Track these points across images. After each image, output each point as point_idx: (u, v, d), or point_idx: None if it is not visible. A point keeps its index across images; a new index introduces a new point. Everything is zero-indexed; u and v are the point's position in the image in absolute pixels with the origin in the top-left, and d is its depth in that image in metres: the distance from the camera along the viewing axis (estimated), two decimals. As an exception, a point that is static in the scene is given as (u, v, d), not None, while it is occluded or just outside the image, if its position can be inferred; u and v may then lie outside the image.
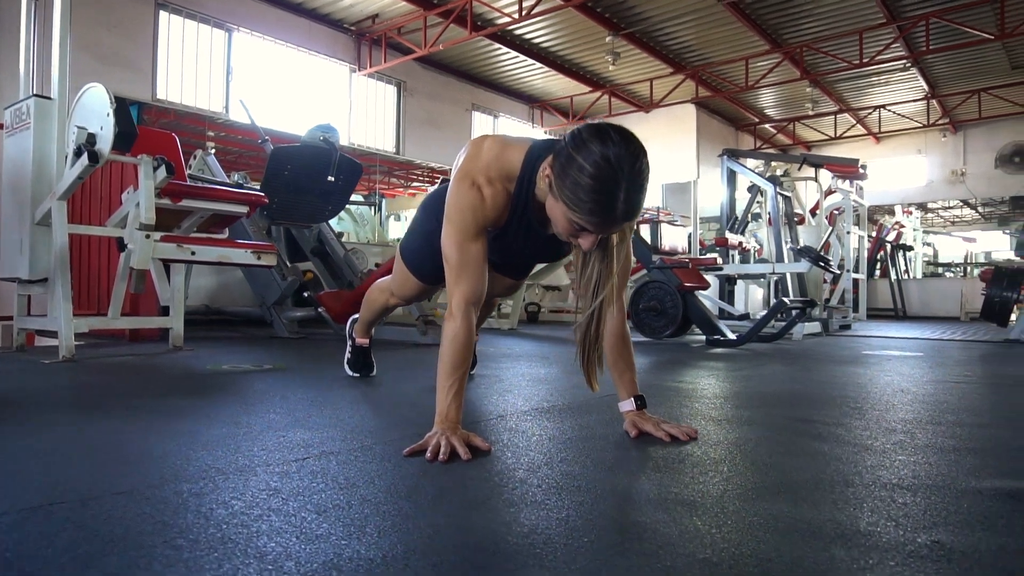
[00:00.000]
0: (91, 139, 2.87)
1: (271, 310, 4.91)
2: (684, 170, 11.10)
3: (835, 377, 2.79)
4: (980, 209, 16.63)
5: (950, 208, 16.68)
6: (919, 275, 14.41)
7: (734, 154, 7.71)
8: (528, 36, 8.72)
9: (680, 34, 8.42)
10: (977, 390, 2.49)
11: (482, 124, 10.53)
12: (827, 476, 1.23)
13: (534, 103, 11.10)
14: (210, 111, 7.26)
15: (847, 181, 8.21)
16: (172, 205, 3.29)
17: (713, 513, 1.01)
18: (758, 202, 7.95)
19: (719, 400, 2.15)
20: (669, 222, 8.11)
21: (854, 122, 12.01)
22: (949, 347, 4.73)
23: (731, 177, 7.79)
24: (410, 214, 10.61)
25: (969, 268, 15.64)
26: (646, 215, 5.50)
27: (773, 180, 7.39)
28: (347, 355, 2.58)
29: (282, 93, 8.10)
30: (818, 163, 7.52)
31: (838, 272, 7.10)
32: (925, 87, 10.30)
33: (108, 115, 2.83)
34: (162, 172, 3.06)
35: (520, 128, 11.18)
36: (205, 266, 4.72)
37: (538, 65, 9.35)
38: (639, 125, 11.20)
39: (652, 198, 11.56)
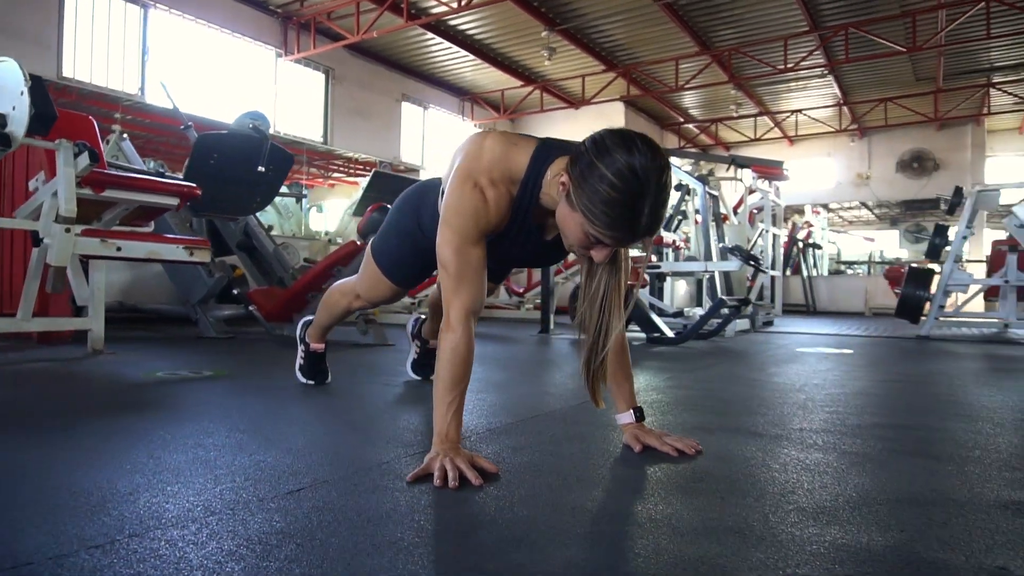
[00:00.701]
0: (1, 121, 2.56)
1: (197, 308, 4.60)
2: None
3: (787, 378, 2.83)
4: (876, 211, 17.64)
5: (850, 208, 17.63)
6: (826, 272, 15.26)
7: (665, 153, 7.85)
8: (462, 27, 8.57)
9: (614, 32, 8.47)
10: (930, 389, 2.57)
11: (412, 115, 10.29)
12: (847, 493, 1.20)
13: (464, 95, 10.95)
14: (124, 92, 6.74)
15: (766, 181, 8.52)
16: (94, 196, 2.99)
17: (769, 543, 0.95)
18: (685, 200, 8.12)
19: (691, 406, 2.12)
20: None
21: (772, 125, 12.49)
22: (872, 344, 4.95)
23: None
24: (332, 205, 10.26)
25: (873, 267, 16.59)
26: None
27: (702, 179, 7.55)
28: (299, 360, 2.42)
29: (203, 77, 7.62)
30: (745, 164, 7.76)
31: (770, 272, 7.35)
32: (838, 94, 10.80)
33: (22, 94, 2.53)
34: (84, 159, 2.77)
35: (449, 120, 11.01)
36: (120, 260, 4.38)
37: (471, 57, 9.21)
38: (568, 122, 11.25)
39: None
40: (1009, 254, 6.11)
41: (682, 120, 12.40)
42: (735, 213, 9.05)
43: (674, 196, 8.28)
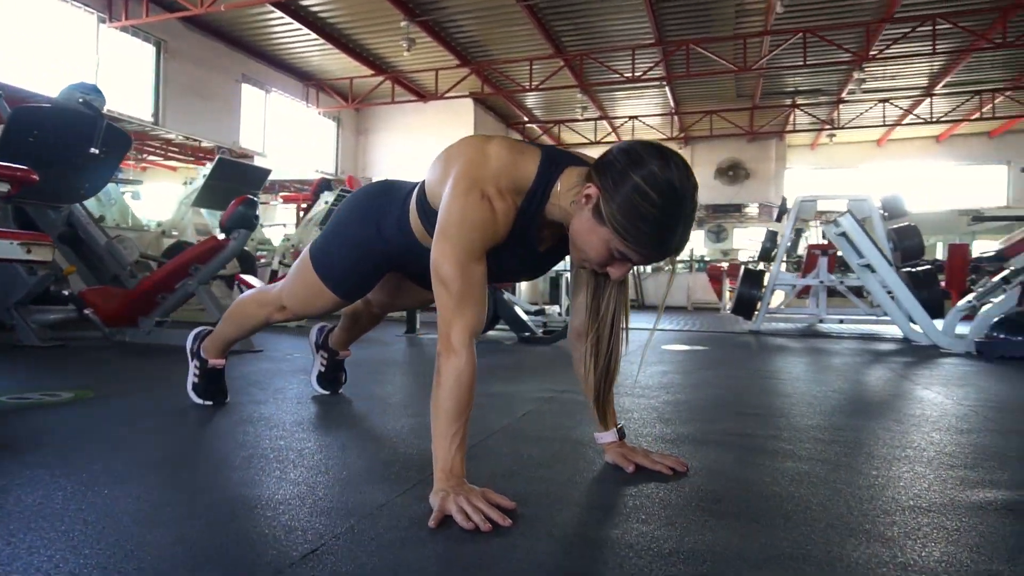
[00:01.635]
0: None
1: (14, 311, 3.91)
2: (462, 164, 11.20)
3: (680, 377, 2.96)
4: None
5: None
6: (649, 269, 16.41)
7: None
8: (312, 7, 8.06)
9: (472, 28, 8.43)
10: (810, 387, 2.81)
11: (253, 98, 9.54)
12: (859, 503, 1.24)
13: (310, 81, 10.36)
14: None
15: None
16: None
17: (838, 568, 0.95)
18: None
19: (632, 414, 2.13)
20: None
21: (610, 129, 13.17)
22: (717, 340, 5.36)
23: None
24: (154, 190, 9.22)
25: (693, 264, 18.07)
26: None
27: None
28: (193, 378, 2.12)
29: (9, 41, 6.50)
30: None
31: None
32: (672, 104, 11.62)
33: None
34: None
35: (293, 106, 10.37)
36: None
37: (319, 40, 8.71)
38: (416, 115, 11.07)
39: None
40: (820, 257, 6.93)
41: (527, 120, 12.68)
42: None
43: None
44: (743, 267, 7.72)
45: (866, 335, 6.02)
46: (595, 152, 1.25)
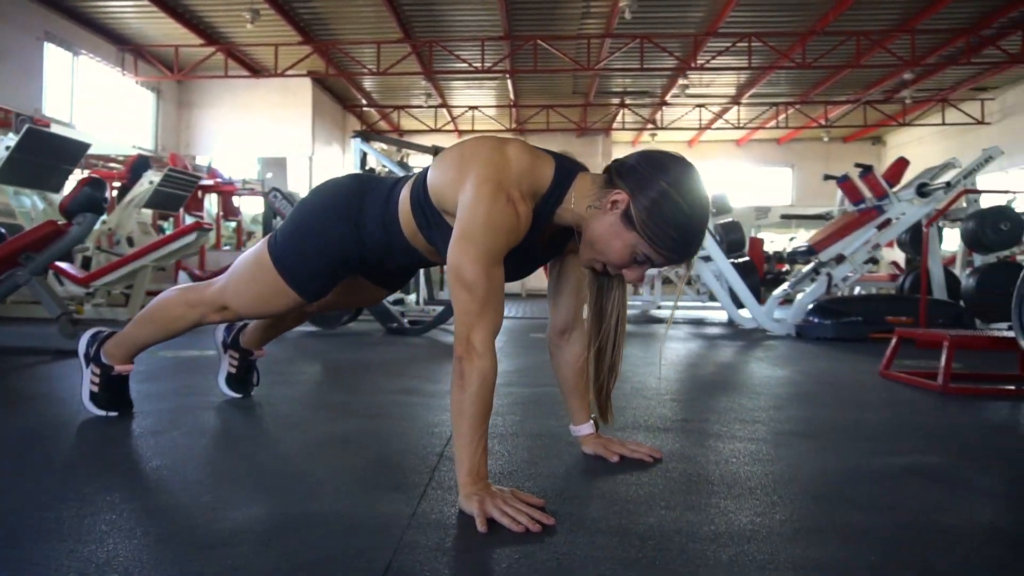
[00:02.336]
0: None
1: None
2: (298, 145, 10.67)
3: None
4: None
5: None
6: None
7: (367, 137, 7.77)
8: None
9: (318, 4, 8.00)
10: (693, 371, 3.09)
11: (58, 61, 8.33)
12: (809, 475, 1.43)
13: (127, 46, 9.24)
14: None
15: None
16: None
17: (851, 536, 1.10)
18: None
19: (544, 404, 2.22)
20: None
21: (449, 118, 13.20)
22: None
23: (363, 160, 7.85)
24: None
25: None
26: (269, 195, 5.13)
27: (405, 167, 7.68)
28: (90, 386, 1.90)
29: None
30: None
31: None
32: (512, 97, 11.89)
33: None
34: None
35: (106, 73, 9.21)
36: None
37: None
38: (248, 92, 10.34)
39: (249, 172, 10.84)
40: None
41: (365, 104, 12.34)
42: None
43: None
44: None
45: (696, 320, 6.65)
46: (435, 139, 1.30)
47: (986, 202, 6.15)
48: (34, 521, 1.10)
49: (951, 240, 7.59)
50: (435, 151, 8.17)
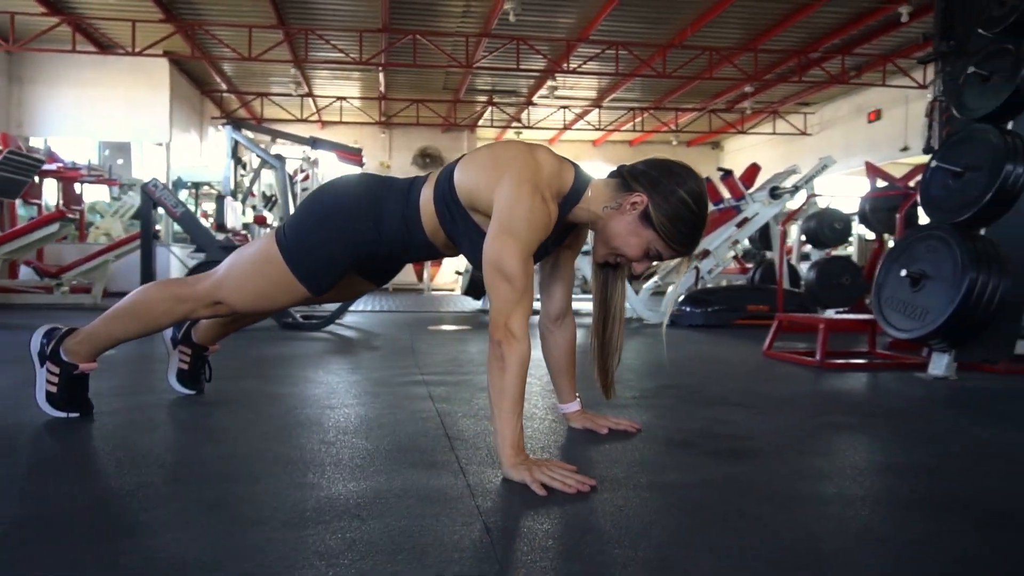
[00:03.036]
0: None
1: None
2: (154, 130, 9.91)
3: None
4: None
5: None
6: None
7: (238, 125, 7.45)
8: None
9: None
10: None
11: None
12: (782, 439, 1.72)
13: (-56, 9, 8.11)
14: None
15: (315, 163, 8.95)
16: None
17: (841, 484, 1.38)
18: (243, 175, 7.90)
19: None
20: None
21: (315, 108, 12.80)
22: (461, 318, 5.85)
23: (235, 149, 7.52)
24: None
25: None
26: (149, 185, 4.86)
27: (280, 159, 7.46)
28: (46, 386, 1.81)
29: None
30: (328, 148, 7.92)
31: None
32: (382, 89, 11.76)
33: None
34: None
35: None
36: None
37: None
38: (96, 69, 9.46)
39: (86, 157, 9.94)
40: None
41: (225, 89, 11.67)
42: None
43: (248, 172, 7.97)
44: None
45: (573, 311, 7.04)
46: (299, 129, 1.42)
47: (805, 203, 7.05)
48: (122, 518, 1.11)
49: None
50: (313, 142, 7.99)
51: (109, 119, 9.64)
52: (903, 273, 2.86)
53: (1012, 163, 2.68)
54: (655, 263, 1.55)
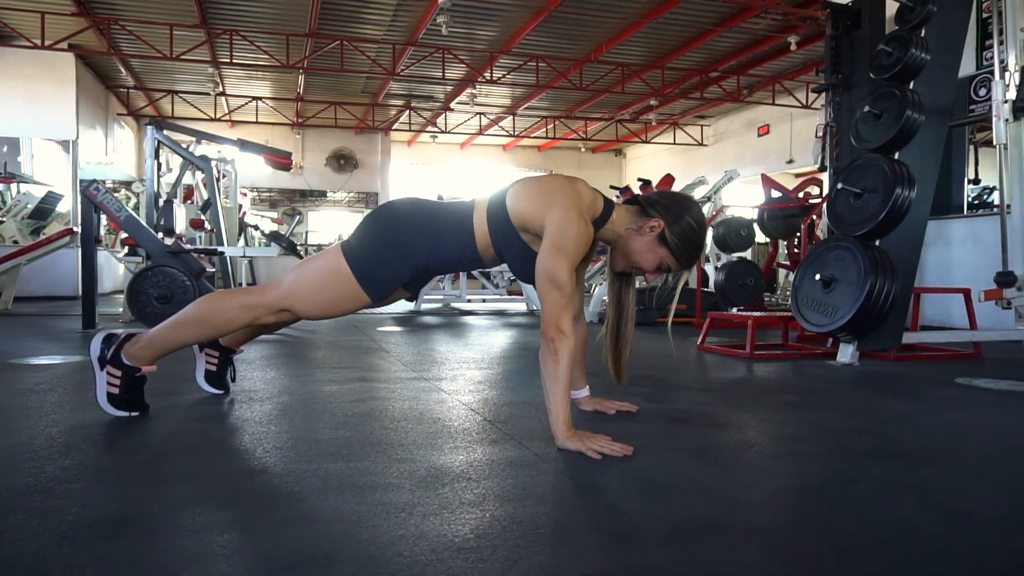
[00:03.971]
0: None
1: None
2: (58, 127, 9.42)
3: (457, 351, 3.64)
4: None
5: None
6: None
7: (161, 125, 7.33)
8: None
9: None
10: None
11: None
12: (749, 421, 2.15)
13: None
14: None
15: (229, 165, 8.92)
16: None
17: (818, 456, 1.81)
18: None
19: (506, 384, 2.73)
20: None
21: (227, 109, 12.52)
22: (402, 319, 6.10)
23: (157, 150, 7.39)
24: None
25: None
26: (90, 188, 4.85)
27: (204, 159, 7.41)
28: (106, 387, 1.99)
29: None
30: (257, 150, 7.86)
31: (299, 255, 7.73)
32: (299, 90, 11.70)
33: None
34: None
35: None
36: None
37: None
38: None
39: None
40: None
41: (133, 85, 11.23)
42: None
43: (172, 175, 7.81)
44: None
45: (498, 311, 7.41)
46: (210, 129, 1.68)
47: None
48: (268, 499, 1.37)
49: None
50: (241, 144, 7.93)
51: (11, 110, 9.09)
52: (817, 277, 3.42)
53: (900, 187, 3.29)
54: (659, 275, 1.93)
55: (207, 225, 6.84)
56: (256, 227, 14.61)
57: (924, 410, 2.26)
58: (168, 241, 5.07)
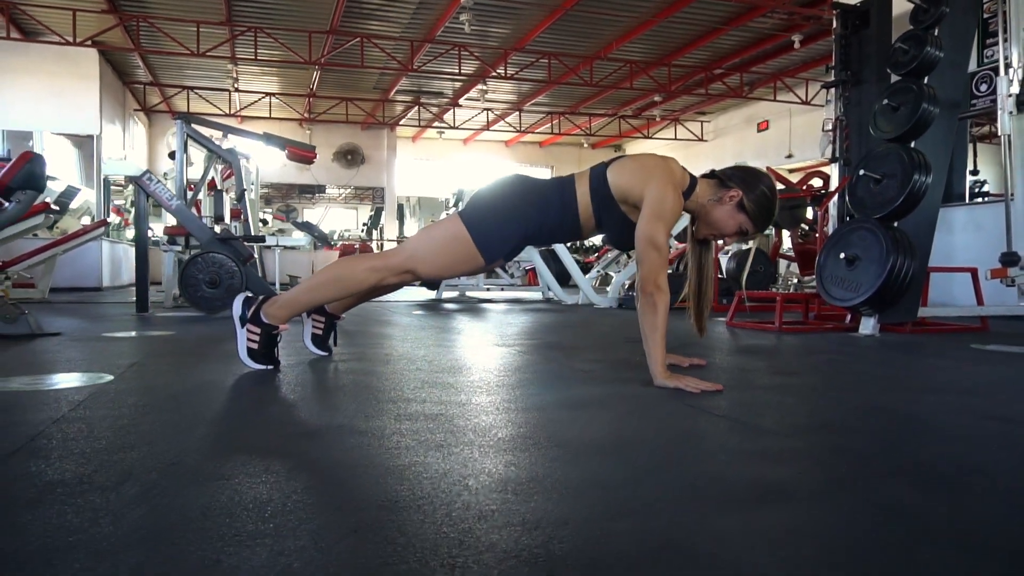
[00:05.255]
0: None
1: None
2: (83, 122, 9.63)
3: (492, 331, 3.93)
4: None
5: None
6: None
7: (189, 120, 7.58)
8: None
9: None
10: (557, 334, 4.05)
11: None
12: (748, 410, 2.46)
13: None
14: None
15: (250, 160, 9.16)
16: None
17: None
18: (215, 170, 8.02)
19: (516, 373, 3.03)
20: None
21: (239, 105, 12.75)
22: (428, 306, 6.39)
23: (186, 144, 7.64)
24: None
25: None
26: (143, 177, 5.12)
27: (232, 153, 7.66)
28: (250, 343, 2.26)
29: None
30: (281, 145, 8.10)
31: (330, 244, 8.00)
32: (312, 87, 11.94)
33: None
34: None
35: None
36: None
37: None
38: (17, 56, 9.09)
39: None
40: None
41: (150, 81, 11.43)
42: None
43: (198, 167, 8.06)
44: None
45: (514, 299, 7.71)
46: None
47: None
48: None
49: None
50: (266, 138, 8.19)
51: (38, 105, 9.29)
52: (841, 256, 3.74)
53: (918, 174, 3.61)
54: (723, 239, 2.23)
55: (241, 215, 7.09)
56: (264, 222, 14.92)
57: (951, 364, 2.58)
58: (218, 228, 5.33)
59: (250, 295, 2.29)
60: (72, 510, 0.89)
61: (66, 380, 1.97)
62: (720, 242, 2.23)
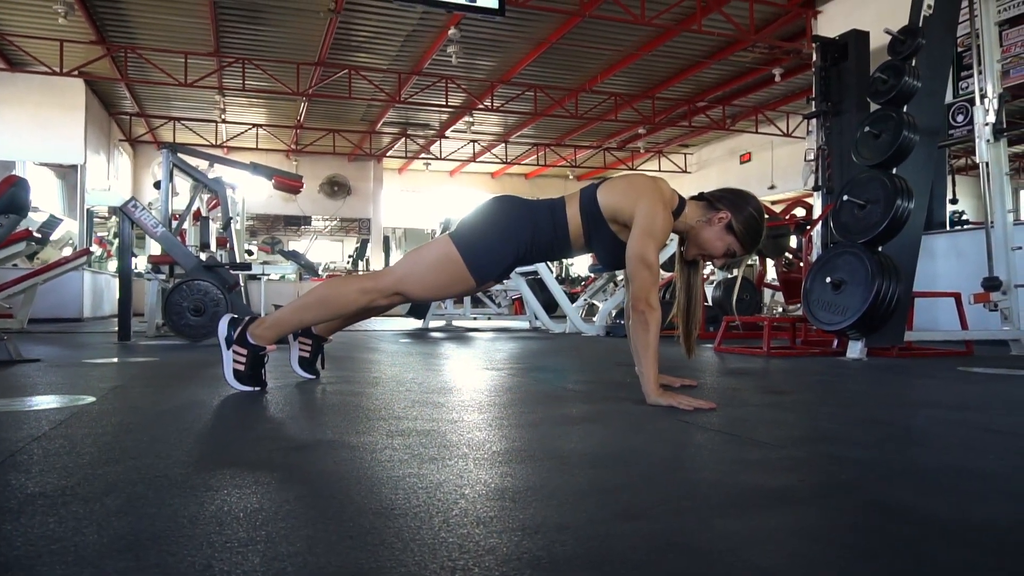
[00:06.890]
0: None
1: None
2: (68, 151, 9.59)
3: (478, 357, 3.91)
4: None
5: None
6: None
7: (175, 149, 7.58)
8: None
9: (125, 6, 7.50)
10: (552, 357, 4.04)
11: None
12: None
13: None
14: None
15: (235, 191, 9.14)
16: None
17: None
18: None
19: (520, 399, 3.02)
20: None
21: (226, 136, 12.78)
22: (414, 335, 6.35)
23: (171, 173, 7.63)
24: None
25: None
26: (128, 204, 5.10)
27: (218, 183, 7.65)
28: (235, 365, 2.22)
29: None
30: (268, 174, 8.11)
31: (318, 274, 7.96)
32: (300, 118, 12.00)
33: None
34: None
35: None
36: None
37: None
38: (3, 86, 9.07)
39: None
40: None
41: (135, 112, 11.44)
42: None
43: (184, 197, 8.04)
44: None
45: (502, 328, 7.70)
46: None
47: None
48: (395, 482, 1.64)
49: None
50: (253, 167, 8.19)
51: (20, 134, 9.24)
52: (828, 280, 3.77)
53: (900, 199, 3.67)
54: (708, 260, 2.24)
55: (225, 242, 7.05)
56: (250, 252, 14.86)
57: (941, 384, 2.59)
58: (203, 256, 5.29)
59: (236, 316, 2.26)
60: (55, 520, 0.85)
61: (46, 402, 1.93)
62: (708, 268, 2.24)
